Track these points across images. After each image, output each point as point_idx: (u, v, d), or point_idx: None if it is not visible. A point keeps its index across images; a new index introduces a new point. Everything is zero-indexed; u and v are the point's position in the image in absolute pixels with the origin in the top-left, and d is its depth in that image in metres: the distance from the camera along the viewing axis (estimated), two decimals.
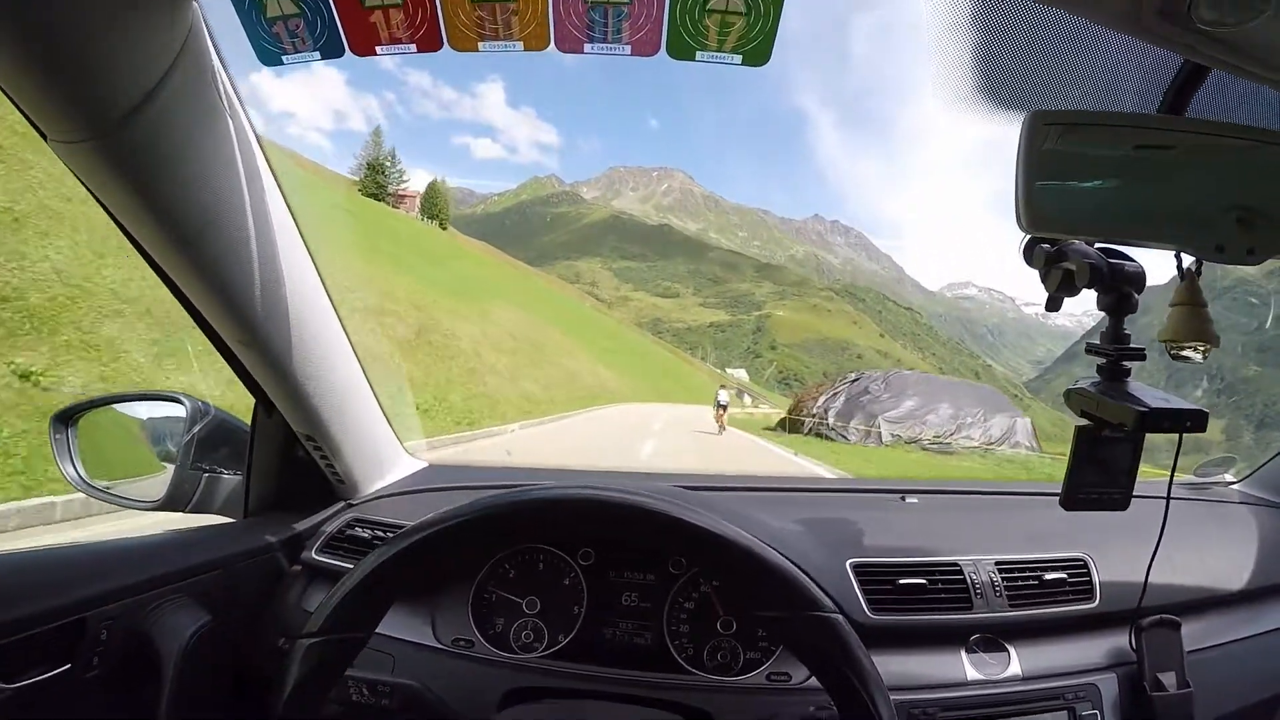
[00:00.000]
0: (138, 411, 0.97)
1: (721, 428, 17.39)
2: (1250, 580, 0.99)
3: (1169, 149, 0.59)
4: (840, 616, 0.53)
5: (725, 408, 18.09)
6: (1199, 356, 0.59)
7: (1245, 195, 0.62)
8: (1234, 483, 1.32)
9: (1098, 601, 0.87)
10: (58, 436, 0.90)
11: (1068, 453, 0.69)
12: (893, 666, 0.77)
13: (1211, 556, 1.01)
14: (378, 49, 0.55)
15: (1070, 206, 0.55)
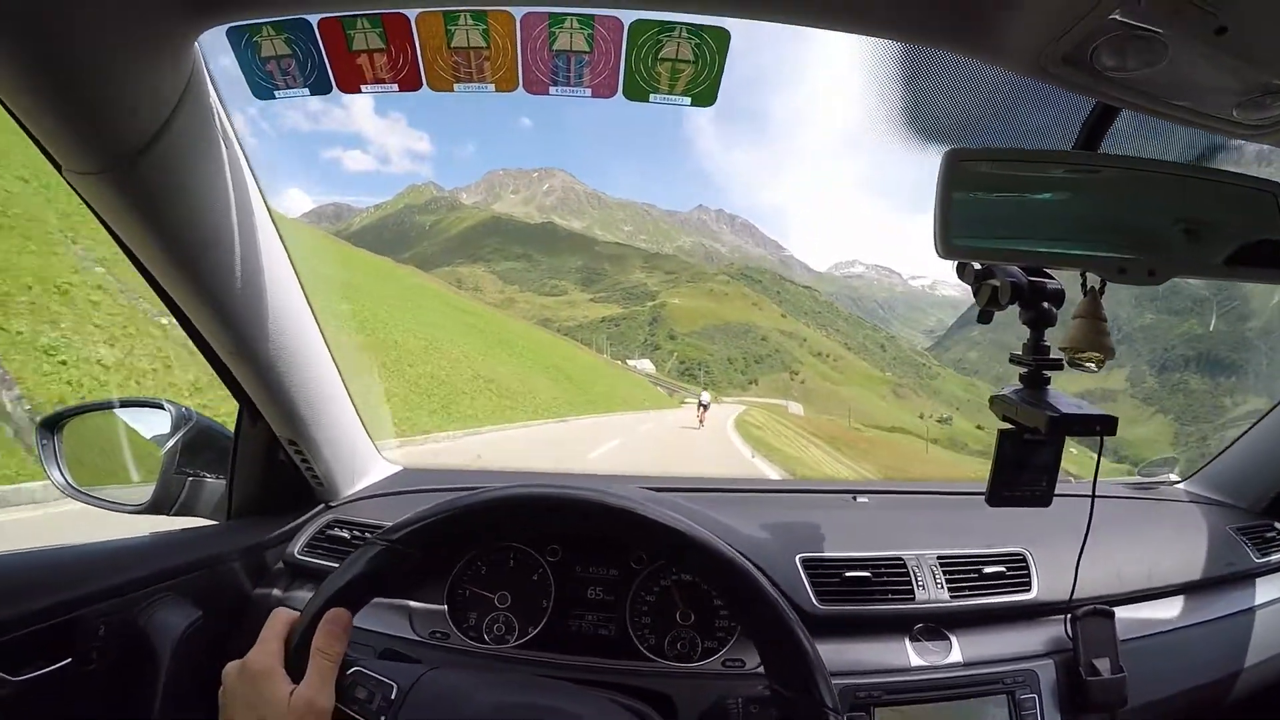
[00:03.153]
0: (122, 418, 1.00)
1: (701, 423, 23.06)
2: (1185, 574, 1.05)
3: (1077, 182, 0.66)
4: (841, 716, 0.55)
5: (706, 407, 24.89)
6: (1094, 367, 0.66)
7: (1147, 222, 0.69)
8: (1178, 482, 1.40)
9: (1035, 592, 0.93)
10: (44, 442, 0.93)
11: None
12: (840, 654, 0.83)
13: (1149, 551, 1.07)
14: (363, 88, 0.60)
15: (983, 236, 0.62)
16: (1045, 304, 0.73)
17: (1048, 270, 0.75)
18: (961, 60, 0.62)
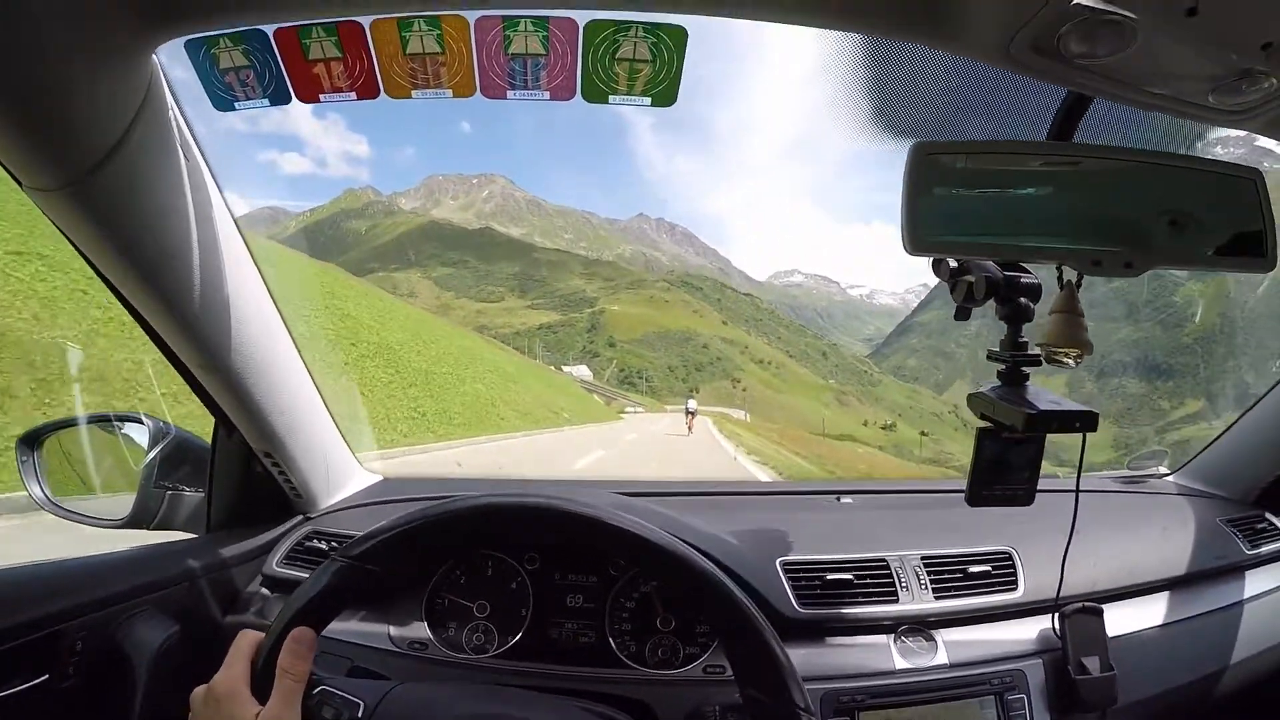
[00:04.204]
0: (101, 432, 0.99)
1: (690, 429, 23.76)
2: (1175, 568, 1.04)
3: (1051, 173, 0.65)
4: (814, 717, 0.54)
5: (694, 414, 25.68)
6: (1072, 362, 0.65)
7: (1123, 213, 0.68)
8: (1168, 474, 1.39)
9: (1022, 591, 0.92)
10: (24, 459, 0.92)
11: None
12: (822, 658, 0.82)
13: (1137, 546, 1.06)
14: (321, 97, 0.60)
15: (950, 229, 0.60)
16: (1022, 299, 0.72)
17: (1023, 265, 0.74)
18: (926, 52, 0.61)
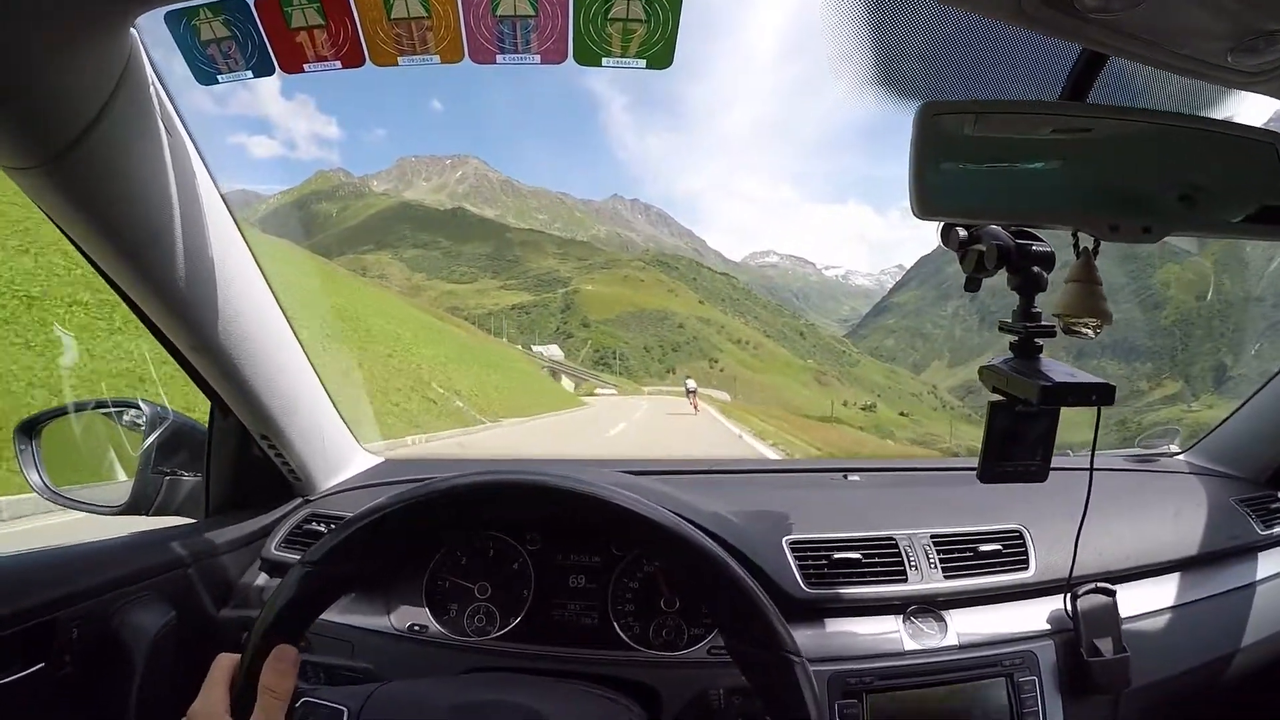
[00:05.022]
0: (98, 419, 0.99)
1: (695, 409, 24.34)
2: (1188, 548, 1.02)
3: (1063, 135, 0.62)
4: (802, 660, 0.50)
5: (695, 393, 26.35)
6: (1091, 333, 0.63)
7: (1140, 176, 0.66)
8: (1179, 453, 1.36)
9: (1033, 571, 0.91)
10: (22, 447, 0.92)
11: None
12: (829, 639, 0.81)
13: (1150, 525, 1.04)
14: (305, 66, 0.58)
15: (961, 193, 0.58)
16: (1035, 268, 0.70)
17: (1034, 233, 0.72)
18: (930, 8, 0.58)
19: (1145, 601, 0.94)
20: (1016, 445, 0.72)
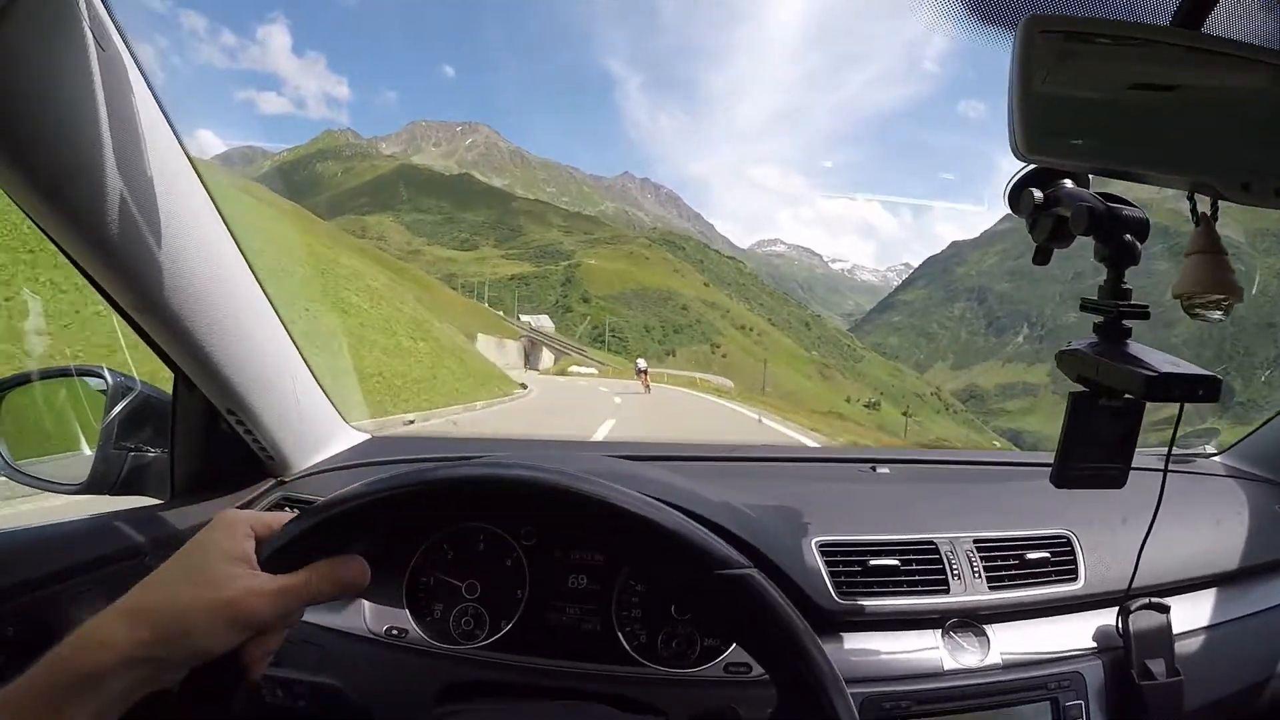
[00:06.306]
0: (61, 388, 0.90)
1: (646, 387, 24.01)
2: (1237, 558, 0.94)
3: (1185, 68, 0.51)
4: (754, 572, 0.44)
5: (645, 372, 26.08)
6: (1220, 314, 0.51)
7: (1276, 126, 0.54)
8: (1215, 454, 1.26)
9: (1082, 583, 0.82)
10: None
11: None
12: (864, 658, 0.72)
13: (1198, 534, 0.95)
14: None
15: (1070, 130, 0.47)
16: (1127, 236, 0.58)
17: (1122, 196, 0.60)
18: None
19: (1196, 617, 0.86)
20: (1095, 445, 0.61)
